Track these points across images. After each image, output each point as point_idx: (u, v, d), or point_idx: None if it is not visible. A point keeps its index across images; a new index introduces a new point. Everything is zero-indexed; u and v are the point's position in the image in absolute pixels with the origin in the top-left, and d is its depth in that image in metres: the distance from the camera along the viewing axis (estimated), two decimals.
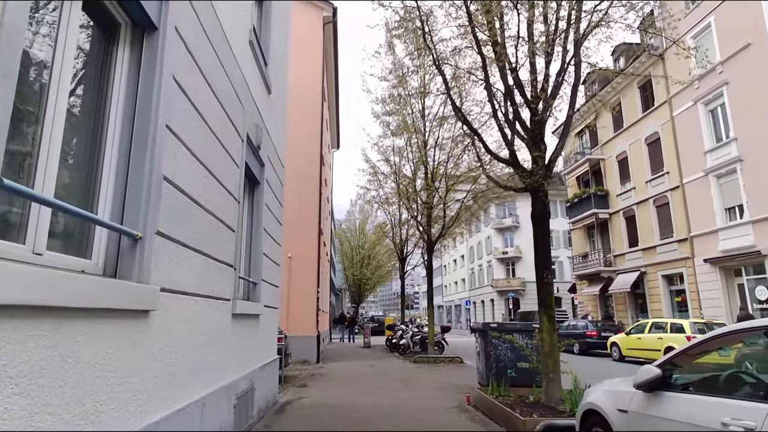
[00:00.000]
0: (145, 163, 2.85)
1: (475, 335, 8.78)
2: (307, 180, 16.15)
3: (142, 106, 2.91)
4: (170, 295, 3.19)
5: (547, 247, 7.24)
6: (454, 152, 16.60)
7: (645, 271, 22.07)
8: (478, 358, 8.67)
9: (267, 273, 6.90)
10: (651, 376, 3.23)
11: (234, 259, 4.99)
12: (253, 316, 6.00)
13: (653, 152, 21.79)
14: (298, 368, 13.06)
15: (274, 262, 7.62)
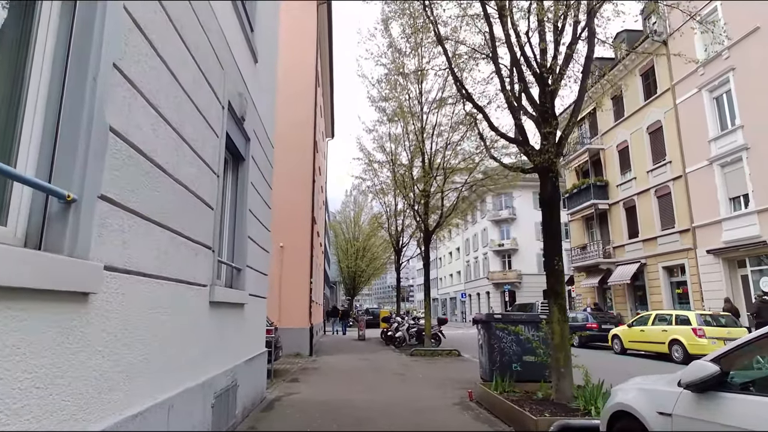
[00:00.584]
0: (83, 108, 2.25)
1: (478, 327, 8.25)
2: (300, 166, 15.53)
3: (80, 35, 2.30)
4: (121, 276, 2.60)
5: (557, 232, 6.70)
6: (452, 139, 16.03)
7: (645, 262, 21.67)
8: (480, 352, 8.15)
9: (253, 259, 6.32)
10: (707, 373, 2.70)
11: (212, 240, 4.40)
12: (236, 305, 5.42)
13: (655, 141, 21.31)
14: (290, 361, 12.52)
15: (262, 248, 7.03)
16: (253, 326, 6.39)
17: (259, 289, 6.89)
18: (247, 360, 5.89)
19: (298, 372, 10.56)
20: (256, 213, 6.50)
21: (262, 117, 6.97)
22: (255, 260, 6.47)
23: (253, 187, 6.31)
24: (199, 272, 4.02)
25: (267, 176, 7.53)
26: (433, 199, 16.38)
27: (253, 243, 6.32)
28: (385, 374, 10.33)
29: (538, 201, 35.90)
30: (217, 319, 4.58)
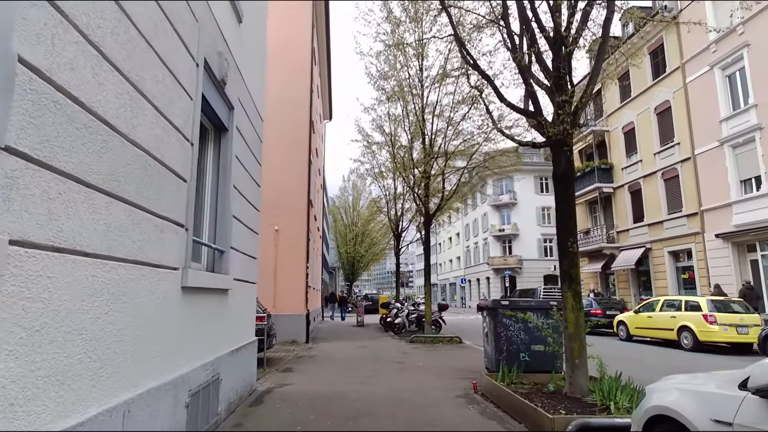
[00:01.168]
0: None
1: (483, 314, 7.74)
2: (295, 147, 14.91)
3: None
4: (46, 255, 2.03)
5: (571, 210, 6.14)
6: (454, 118, 15.38)
7: (650, 247, 21.18)
8: (485, 341, 7.65)
9: (239, 240, 5.76)
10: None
11: (185, 216, 3.83)
12: (218, 291, 4.88)
13: (663, 122, 20.63)
14: (285, 349, 12.06)
15: (250, 229, 6.47)
16: (240, 314, 5.86)
17: (248, 273, 6.35)
18: (232, 351, 5.37)
19: (293, 360, 10.09)
20: (242, 191, 5.93)
21: (249, 85, 6.35)
22: (241, 242, 5.91)
23: (238, 162, 5.72)
24: (168, 253, 3.46)
25: (255, 151, 6.93)
26: (434, 182, 15.80)
27: (239, 223, 5.76)
28: (383, 363, 9.86)
29: (539, 185, 35.52)
30: (193, 306, 4.04)
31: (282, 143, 14.78)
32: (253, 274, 6.74)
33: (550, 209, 42.94)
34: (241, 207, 5.90)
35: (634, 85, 22.57)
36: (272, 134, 14.81)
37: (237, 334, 5.72)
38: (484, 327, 7.68)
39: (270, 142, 15.02)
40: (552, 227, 42.80)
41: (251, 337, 6.63)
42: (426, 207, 15.79)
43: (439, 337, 14.51)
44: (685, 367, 9.96)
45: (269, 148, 14.97)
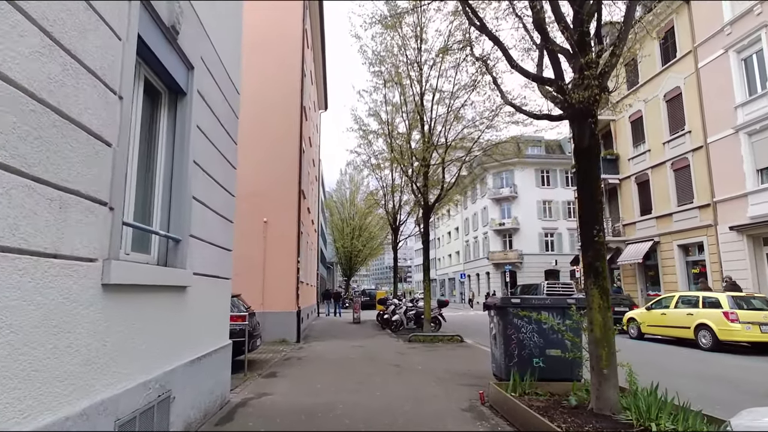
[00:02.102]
0: None
1: (490, 314, 6.84)
2: (285, 134, 13.96)
3: None
4: None
5: (596, 190, 5.24)
6: (455, 105, 14.45)
7: (658, 240, 20.30)
8: (493, 344, 6.75)
9: (204, 228, 4.84)
10: None
11: (109, 191, 2.91)
12: (169, 288, 3.96)
13: (673, 110, 19.70)
14: (273, 349, 11.17)
15: (220, 215, 5.55)
16: (205, 315, 4.94)
17: (218, 267, 5.43)
18: (192, 360, 4.46)
19: (279, 363, 9.19)
20: (208, 169, 5.00)
21: (217, 46, 5.40)
22: (207, 230, 4.99)
23: (201, 134, 4.79)
24: (76, 239, 2.54)
25: (228, 126, 6.00)
26: (434, 173, 14.89)
27: (203, 208, 4.84)
28: (379, 365, 8.97)
29: (540, 178, 34.66)
30: (125, 309, 3.12)
31: (271, 129, 13.85)
32: (225, 268, 5.83)
33: (551, 203, 42.16)
34: (206, 188, 4.98)
35: (642, 72, 21.60)
36: (260, 119, 13.89)
37: (201, 338, 4.81)
38: (492, 328, 6.78)
39: (258, 128, 14.12)
40: (553, 221, 42.25)
41: (223, 341, 5.72)
42: (425, 198, 14.88)
43: (438, 335, 13.64)
44: (706, 369, 9.10)
45: (257, 135, 14.08)
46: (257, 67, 14.09)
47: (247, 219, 13.14)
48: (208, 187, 5.07)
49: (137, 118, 3.64)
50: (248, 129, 13.71)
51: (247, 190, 13.31)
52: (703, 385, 7.40)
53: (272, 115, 13.95)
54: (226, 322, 5.98)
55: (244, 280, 12.77)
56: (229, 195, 6.06)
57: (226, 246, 5.81)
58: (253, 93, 13.90)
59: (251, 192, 13.31)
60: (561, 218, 42.14)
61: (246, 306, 9.25)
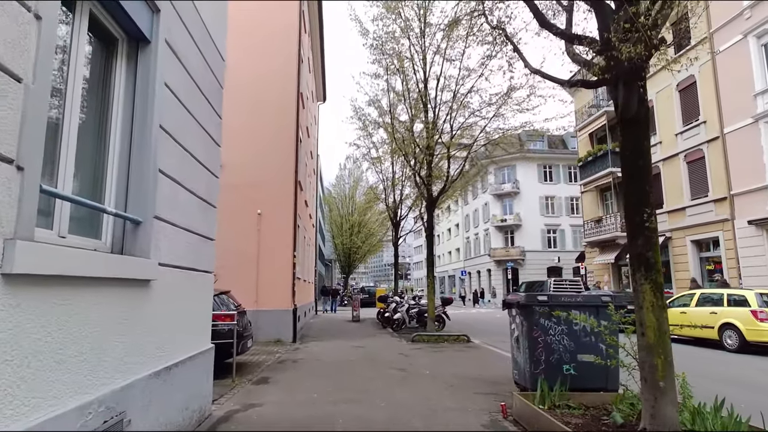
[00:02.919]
0: None
1: (511, 313, 6.01)
2: (281, 120, 13.11)
3: None
4: None
5: (646, 166, 4.41)
6: (460, 91, 13.60)
7: (670, 236, 19.51)
8: (515, 348, 5.91)
9: (174, 209, 4.00)
10: None
11: (18, 145, 2.06)
12: (127, 282, 3.12)
13: (686, 100, 18.88)
14: (267, 350, 10.34)
15: (198, 197, 4.71)
16: (176, 315, 4.10)
17: (194, 258, 4.59)
18: (159, 371, 3.62)
19: (273, 367, 8.36)
20: (180, 139, 4.16)
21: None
22: (181, 213, 4.16)
23: (172, 96, 3.94)
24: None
25: (210, 95, 5.15)
26: (439, 162, 14.05)
27: (173, 185, 4.00)
28: (381, 369, 8.15)
29: (542, 174, 33.87)
30: (47, 308, 2.28)
31: (266, 116, 12.99)
32: (206, 259, 4.99)
33: (554, 199, 41.36)
34: (180, 163, 4.14)
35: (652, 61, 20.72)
36: (254, 105, 13.03)
37: (172, 344, 3.97)
38: (513, 329, 5.94)
39: (252, 115, 13.27)
40: (555, 217, 41.42)
41: (203, 345, 4.88)
42: (428, 189, 14.04)
43: (444, 335, 12.83)
44: (740, 372, 8.31)
45: (251, 121, 13.22)
46: (252, 51, 13.24)
47: (240, 210, 12.31)
48: (182, 161, 4.23)
49: (77, 61, 2.78)
50: (241, 115, 12.86)
51: (239, 180, 12.49)
52: (742, 392, 6.58)
53: (267, 101, 13.09)
54: (207, 322, 5.13)
55: (237, 276, 11.94)
56: (211, 175, 5.22)
57: (206, 234, 4.97)
58: (247, 77, 13.05)
59: (244, 182, 12.47)
60: (563, 214, 41.35)
61: (236, 304, 8.42)
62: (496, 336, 14.30)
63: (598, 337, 5.22)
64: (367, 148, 20.82)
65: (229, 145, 13.14)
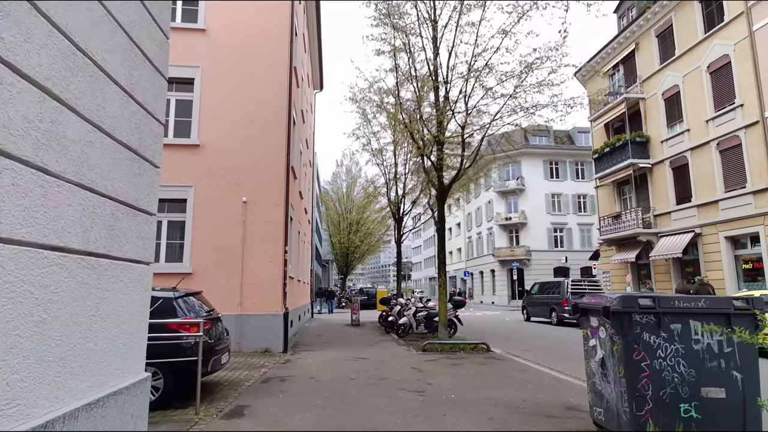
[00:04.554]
0: None
1: (588, 323, 4.22)
2: (269, 96, 11.32)
3: None
4: None
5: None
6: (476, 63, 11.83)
7: (700, 232, 17.80)
8: (599, 374, 4.07)
9: (49, 146, 2.20)
10: None
11: None
12: None
13: (719, 82, 17.19)
14: (251, 364, 8.54)
15: (114, 139, 2.91)
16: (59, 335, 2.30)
17: (108, 239, 2.80)
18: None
19: (254, 389, 6.55)
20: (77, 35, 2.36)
21: None
22: (70, 158, 2.37)
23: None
24: None
25: None
26: (453, 141, 12.28)
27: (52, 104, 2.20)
28: (393, 392, 6.37)
29: (548, 171, 32.05)
30: None
31: (253, 89, 11.21)
32: (132, 242, 3.18)
33: (560, 196, 39.68)
34: (66, 69, 2.34)
35: (678, 42, 19.07)
36: (240, 77, 11.24)
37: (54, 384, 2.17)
38: (593, 348, 4.13)
39: (237, 88, 11.44)
40: (562, 215, 39.67)
41: (128, 376, 3.08)
42: (439, 176, 12.25)
43: (459, 343, 11.07)
44: None
45: (235, 96, 11.38)
46: (238, 17, 11.46)
47: (222, 198, 10.54)
48: (75, 70, 2.43)
49: None
50: (224, 88, 11.09)
51: (221, 163, 10.72)
52: None
53: (255, 73, 11.31)
54: (138, 340, 3.32)
55: (217, 275, 10.17)
56: (148, 115, 3.42)
57: (135, 203, 3.17)
58: (231, 47, 11.27)
59: (227, 165, 10.70)
60: (571, 212, 39.65)
61: (208, 308, 6.62)
62: (516, 343, 12.57)
63: (731, 362, 3.46)
64: (367, 138, 19.14)
65: (210, 123, 11.39)
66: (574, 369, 8.43)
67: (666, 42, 19.96)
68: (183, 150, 10.63)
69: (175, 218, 10.46)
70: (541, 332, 16.19)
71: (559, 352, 10.99)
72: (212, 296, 10.01)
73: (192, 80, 10.98)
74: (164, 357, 5.41)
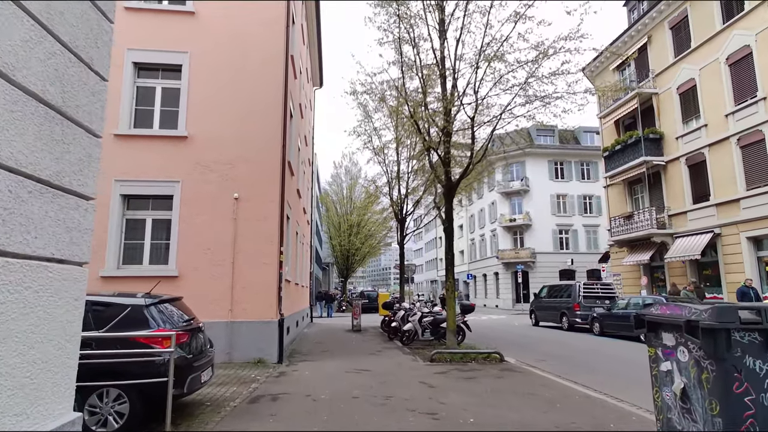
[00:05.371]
0: None
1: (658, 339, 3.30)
2: (263, 84, 10.44)
3: None
4: None
5: None
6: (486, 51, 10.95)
7: (719, 232, 16.90)
8: (678, 409, 3.12)
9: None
10: None
11: None
12: None
13: (739, 74, 16.32)
14: (241, 378, 7.63)
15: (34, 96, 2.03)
16: None
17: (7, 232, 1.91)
18: None
19: (240, 410, 5.64)
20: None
21: None
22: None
23: None
24: None
25: None
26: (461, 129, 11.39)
27: None
28: (402, 414, 5.47)
29: (553, 171, 31.12)
30: None
31: (244, 79, 10.34)
32: (53, 236, 2.29)
33: (566, 197, 38.81)
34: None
35: (695, 33, 18.21)
36: (232, 65, 10.38)
37: None
38: (668, 372, 3.20)
39: (229, 77, 10.54)
40: (567, 217, 38.74)
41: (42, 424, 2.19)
42: (447, 171, 11.34)
43: (470, 352, 10.16)
44: None
45: (227, 85, 10.50)
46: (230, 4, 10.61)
47: (211, 194, 9.66)
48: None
49: None
50: (215, 77, 10.22)
51: (211, 156, 9.85)
52: None
53: (250, 60, 10.43)
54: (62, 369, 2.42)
55: (206, 278, 9.29)
56: (80, 64, 2.53)
57: (55, 180, 2.29)
58: (225, 29, 10.41)
59: (217, 158, 9.83)
60: (576, 214, 38.76)
61: (188, 317, 5.72)
62: (529, 351, 11.69)
63: None
64: (369, 135, 18.28)
65: (199, 113, 10.48)
66: (602, 383, 7.54)
67: (681, 34, 19.11)
68: (169, 142, 9.76)
69: (161, 216, 9.59)
70: (553, 338, 15.28)
71: (578, 363, 10.09)
72: (200, 301, 9.13)
73: (179, 67, 10.10)
74: (129, 377, 4.54)
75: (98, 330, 4.80)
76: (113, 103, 9.65)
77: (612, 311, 15.93)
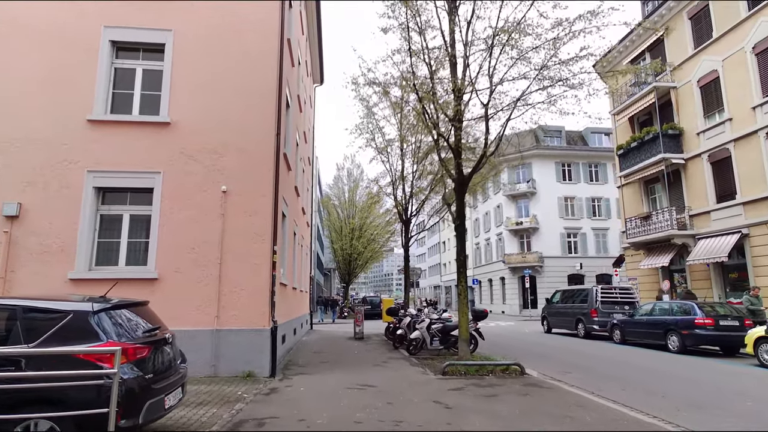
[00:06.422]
0: None
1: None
2: (254, 66, 9.40)
3: None
4: None
5: None
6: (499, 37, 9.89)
7: (747, 233, 15.77)
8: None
9: None
10: None
11: None
12: None
13: (767, 65, 15.28)
14: (225, 395, 6.54)
15: None
16: None
17: None
18: None
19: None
20: None
21: None
22: None
23: None
24: None
25: None
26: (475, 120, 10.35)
27: None
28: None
29: (561, 173, 29.80)
30: None
31: (234, 60, 9.31)
32: None
33: (574, 199, 37.71)
34: None
35: (717, 23, 17.18)
36: (219, 44, 9.38)
37: None
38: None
39: (216, 60, 9.57)
40: (576, 220, 37.59)
41: None
42: (458, 164, 10.27)
43: (486, 364, 9.02)
44: None
45: (214, 69, 9.43)
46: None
47: (196, 187, 8.63)
48: None
49: None
50: (201, 59, 9.22)
51: (196, 144, 8.82)
52: None
53: (241, 40, 9.41)
54: None
55: (189, 281, 8.23)
56: None
57: None
58: (213, 5, 9.41)
59: (203, 147, 8.79)
60: (585, 217, 37.60)
61: (151, 326, 4.64)
62: (549, 362, 10.61)
63: None
64: (371, 133, 17.28)
65: (184, 98, 9.28)
66: (648, 403, 6.43)
67: (701, 24, 18.07)
68: (150, 129, 8.72)
69: (139, 212, 8.53)
70: (571, 347, 14.14)
71: (608, 376, 8.98)
72: (183, 307, 8.07)
73: (162, 46, 9.08)
74: (64, 406, 3.47)
75: (28, 344, 3.74)
76: (88, 85, 8.68)
77: (635, 318, 14.79)
